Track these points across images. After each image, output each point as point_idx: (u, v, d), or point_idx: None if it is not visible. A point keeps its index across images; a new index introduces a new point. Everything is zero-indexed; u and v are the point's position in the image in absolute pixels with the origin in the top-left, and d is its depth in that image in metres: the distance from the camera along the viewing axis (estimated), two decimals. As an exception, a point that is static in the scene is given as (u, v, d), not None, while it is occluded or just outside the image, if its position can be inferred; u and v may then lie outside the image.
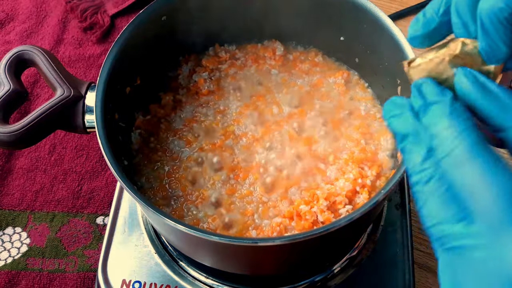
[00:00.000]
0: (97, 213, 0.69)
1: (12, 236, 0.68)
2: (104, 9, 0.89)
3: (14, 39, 0.86)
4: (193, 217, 0.54)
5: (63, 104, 0.51)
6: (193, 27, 0.63)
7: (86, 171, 0.73)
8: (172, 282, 0.57)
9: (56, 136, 0.76)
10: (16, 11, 0.90)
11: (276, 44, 0.66)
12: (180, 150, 0.58)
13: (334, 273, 0.58)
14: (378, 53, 0.58)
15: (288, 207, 0.53)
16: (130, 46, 0.55)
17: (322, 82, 0.64)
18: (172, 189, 0.56)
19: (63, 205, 0.70)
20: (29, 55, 0.54)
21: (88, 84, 0.54)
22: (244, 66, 0.65)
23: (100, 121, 0.49)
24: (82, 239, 0.67)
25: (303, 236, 0.42)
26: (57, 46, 0.85)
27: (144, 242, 0.60)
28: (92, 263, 0.65)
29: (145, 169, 0.57)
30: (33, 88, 0.81)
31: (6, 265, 0.65)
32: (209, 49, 0.66)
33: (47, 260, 0.66)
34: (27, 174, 0.72)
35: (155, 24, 0.58)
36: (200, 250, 0.51)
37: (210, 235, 0.42)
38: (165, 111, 0.62)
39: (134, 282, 0.57)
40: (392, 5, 0.87)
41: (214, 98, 0.62)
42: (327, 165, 0.56)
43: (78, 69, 0.83)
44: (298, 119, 0.60)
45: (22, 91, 0.53)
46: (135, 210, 0.62)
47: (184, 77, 0.64)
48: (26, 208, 0.70)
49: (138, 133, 0.60)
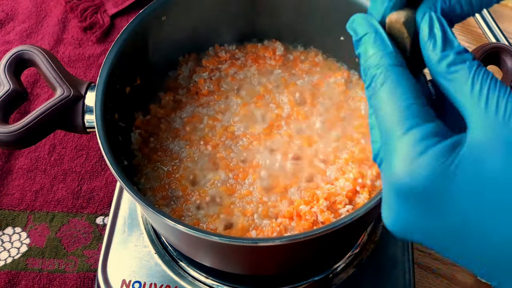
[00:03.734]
0: (97, 213, 0.69)
1: (12, 236, 0.68)
2: (104, 9, 0.89)
3: (13, 39, 0.86)
4: (193, 217, 0.54)
5: (63, 104, 0.51)
6: (193, 27, 0.63)
7: (86, 171, 0.73)
8: (172, 282, 0.57)
9: (55, 136, 0.75)
10: (15, 11, 0.90)
11: (276, 44, 0.66)
12: (180, 150, 0.58)
13: (334, 273, 0.58)
14: (378, 53, 0.58)
15: (288, 207, 0.53)
16: (130, 46, 0.55)
17: (322, 82, 0.64)
18: (172, 189, 0.56)
19: (63, 205, 0.70)
20: (28, 55, 0.53)
21: (88, 84, 0.54)
22: (244, 66, 0.65)
23: (100, 121, 0.49)
24: (82, 239, 0.67)
25: (303, 236, 0.42)
26: (56, 46, 0.85)
27: (144, 242, 0.60)
28: (92, 263, 0.65)
29: (145, 169, 0.57)
30: (33, 88, 0.80)
31: (6, 265, 0.65)
32: (209, 49, 0.66)
33: (47, 260, 0.66)
34: (26, 174, 0.72)
35: (155, 24, 0.58)
36: (200, 250, 0.51)
37: (210, 235, 0.42)
38: (165, 111, 0.61)
39: (134, 282, 0.57)
40: (392, 5, 0.87)
41: (214, 98, 0.62)
42: (327, 165, 0.56)
43: (78, 69, 0.83)
44: (298, 119, 0.60)
45: (22, 91, 0.53)
46: (135, 210, 0.62)
47: (184, 77, 0.64)
48: (25, 208, 0.70)
49: (138, 133, 0.59)
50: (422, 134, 0.28)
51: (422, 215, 0.29)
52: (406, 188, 0.29)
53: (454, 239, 0.29)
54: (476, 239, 0.28)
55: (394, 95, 0.30)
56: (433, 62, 0.30)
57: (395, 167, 0.29)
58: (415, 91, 0.30)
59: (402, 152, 0.29)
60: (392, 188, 0.29)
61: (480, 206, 0.27)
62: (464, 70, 0.29)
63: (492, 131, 0.27)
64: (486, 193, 0.27)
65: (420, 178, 0.28)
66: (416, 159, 0.28)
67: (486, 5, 0.32)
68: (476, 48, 0.54)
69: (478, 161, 0.27)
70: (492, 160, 0.27)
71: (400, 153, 0.29)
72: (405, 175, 0.28)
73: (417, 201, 0.29)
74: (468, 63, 0.29)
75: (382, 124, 0.30)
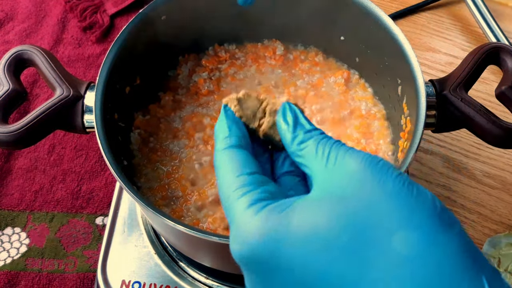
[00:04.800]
0: (97, 214, 0.69)
1: (11, 236, 0.68)
2: (103, 9, 0.89)
3: (13, 39, 0.86)
4: (192, 217, 0.54)
5: (62, 104, 0.51)
6: (193, 27, 0.63)
7: (85, 171, 0.72)
8: (172, 282, 0.57)
9: (55, 136, 0.75)
10: (15, 10, 0.90)
11: (276, 44, 0.66)
12: (179, 150, 0.58)
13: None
14: (379, 53, 0.58)
15: (288, 207, 0.53)
16: (129, 46, 0.55)
17: (322, 82, 0.64)
18: (172, 189, 0.56)
19: (63, 205, 0.70)
20: (28, 55, 0.53)
21: (87, 84, 0.53)
22: (244, 66, 0.65)
23: (100, 121, 0.49)
24: (81, 240, 0.67)
25: (304, 237, 0.42)
26: (56, 45, 0.85)
27: (144, 242, 0.60)
28: (91, 264, 0.65)
29: (144, 169, 0.57)
30: (32, 88, 0.80)
31: (6, 265, 0.65)
32: (209, 49, 0.66)
33: (46, 261, 0.65)
34: (26, 174, 0.72)
35: (154, 23, 0.58)
36: (200, 251, 0.51)
37: (210, 236, 0.42)
38: (165, 111, 0.61)
39: (133, 283, 0.57)
40: (393, 4, 0.87)
41: (214, 98, 0.62)
42: (327, 165, 0.56)
43: (77, 68, 0.83)
44: (298, 119, 0.60)
45: (21, 91, 0.52)
46: (134, 211, 0.62)
47: (184, 77, 0.64)
48: (25, 209, 0.70)
49: (137, 133, 0.59)
50: (254, 198, 0.29)
51: (265, 281, 0.28)
52: (247, 259, 0.29)
53: None
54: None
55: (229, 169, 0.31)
56: (288, 144, 0.32)
57: (232, 236, 0.29)
58: (248, 165, 0.31)
59: (237, 219, 0.29)
60: (237, 261, 0.30)
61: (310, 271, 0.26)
62: (312, 143, 0.31)
63: (327, 185, 0.28)
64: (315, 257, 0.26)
65: (255, 245, 0.28)
66: (248, 225, 0.28)
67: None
68: (476, 48, 0.54)
69: (308, 221, 0.27)
70: (321, 219, 0.26)
71: (236, 220, 0.29)
72: (243, 245, 0.28)
73: (258, 270, 0.28)
74: (315, 137, 0.31)
75: (220, 194, 0.31)
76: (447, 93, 0.52)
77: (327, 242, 0.26)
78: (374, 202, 0.26)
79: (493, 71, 0.76)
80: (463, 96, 0.51)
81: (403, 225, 0.25)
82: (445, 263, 0.24)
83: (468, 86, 0.53)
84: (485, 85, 0.76)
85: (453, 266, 0.24)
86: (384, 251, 0.25)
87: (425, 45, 0.82)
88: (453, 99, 0.51)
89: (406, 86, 0.54)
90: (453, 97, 0.51)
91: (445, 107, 0.52)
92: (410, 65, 0.52)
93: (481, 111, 0.50)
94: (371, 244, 0.25)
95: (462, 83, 0.52)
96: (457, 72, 0.53)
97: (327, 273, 0.26)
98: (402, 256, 0.25)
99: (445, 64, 0.80)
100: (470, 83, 0.53)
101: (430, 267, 0.24)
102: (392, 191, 0.26)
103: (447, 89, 0.52)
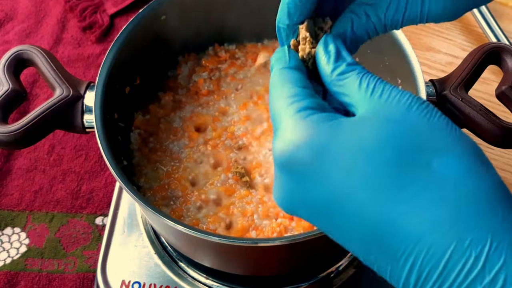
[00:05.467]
0: (96, 214, 0.69)
1: (11, 236, 0.67)
2: (103, 9, 0.89)
3: (13, 39, 0.86)
4: (192, 217, 0.54)
5: (62, 104, 0.51)
6: (193, 27, 0.63)
7: (85, 171, 0.72)
8: (172, 282, 0.57)
9: (55, 136, 0.75)
10: (15, 10, 0.90)
11: (277, 44, 0.66)
12: (179, 150, 0.58)
13: (334, 273, 0.58)
14: (379, 52, 0.58)
15: (288, 207, 0.53)
16: (129, 46, 0.55)
17: (322, 82, 0.63)
18: (172, 189, 0.56)
19: (62, 205, 0.70)
20: (28, 55, 0.53)
21: (87, 83, 0.53)
22: (244, 66, 0.65)
23: (99, 121, 0.49)
24: (81, 240, 0.67)
25: (303, 237, 0.42)
26: (56, 45, 0.85)
27: (144, 242, 0.60)
28: (91, 264, 0.65)
29: (144, 169, 0.57)
30: (32, 88, 0.80)
31: (5, 265, 0.65)
32: (209, 49, 0.66)
33: (46, 261, 0.65)
34: (26, 175, 0.72)
35: (154, 23, 0.58)
36: (200, 251, 0.51)
37: (209, 236, 0.42)
38: (165, 111, 0.61)
39: (133, 283, 0.57)
40: (392, 4, 0.87)
41: (214, 98, 0.62)
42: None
43: (77, 68, 0.83)
44: (298, 119, 0.60)
45: (21, 91, 0.52)
46: (134, 211, 0.62)
47: (184, 77, 0.64)
48: (25, 209, 0.69)
49: (137, 133, 0.59)
50: (303, 105, 0.31)
51: (302, 187, 0.30)
52: (288, 157, 0.30)
53: (328, 213, 0.29)
54: (349, 214, 0.28)
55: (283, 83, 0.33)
56: (327, 73, 0.33)
57: (277, 137, 0.31)
58: (301, 81, 0.33)
59: (285, 122, 0.31)
60: (277, 161, 0.31)
61: (350, 179, 0.28)
62: (354, 75, 0.32)
63: (373, 111, 0.29)
64: (357, 167, 0.28)
65: (299, 145, 0.29)
66: (295, 126, 0.30)
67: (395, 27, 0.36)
68: (476, 48, 0.54)
69: (355, 134, 0.29)
70: (369, 134, 0.28)
71: (283, 123, 0.31)
72: (287, 143, 0.30)
73: (298, 171, 0.29)
74: (358, 70, 0.32)
75: (271, 106, 0.33)
76: (448, 93, 0.52)
77: (370, 154, 0.28)
78: (420, 129, 0.28)
79: (493, 71, 0.76)
80: (463, 96, 0.51)
81: (446, 152, 0.27)
82: (482, 189, 0.26)
83: (469, 86, 0.53)
84: (485, 85, 0.76)
85: (490, 194, 0.26)
86: (424, 169, 0.27)
87: (425, 45, 0.82)
88: (453, 99, 0.51)
89: (406, 86, 0.54)
90: (454, 97, 0.51)
91: (445, 107, 0.52)
92: (410, 65, 0.52)
93: (482, 111, 0.50)
94: (413, 162, 0.27)
95: (462, 83, 0.52)
96: (458, 72, 0.53)
97: (365, 185, 0.27)
98: (442, 176, 0.27)
99: (445, 64, 0.80)
100: (470, 83, 0.53)
101: (469, 189, 0.26)
102: (437, 124, 0.28)
103: (447, 89, 0.52)
